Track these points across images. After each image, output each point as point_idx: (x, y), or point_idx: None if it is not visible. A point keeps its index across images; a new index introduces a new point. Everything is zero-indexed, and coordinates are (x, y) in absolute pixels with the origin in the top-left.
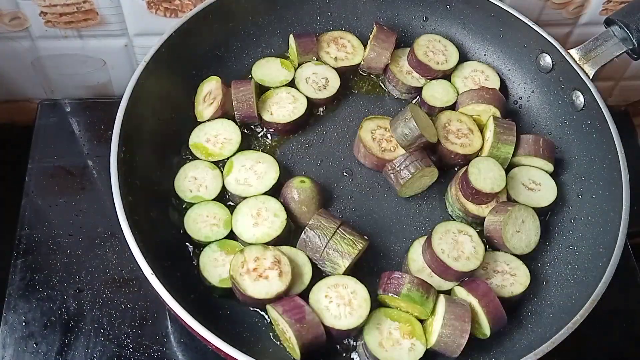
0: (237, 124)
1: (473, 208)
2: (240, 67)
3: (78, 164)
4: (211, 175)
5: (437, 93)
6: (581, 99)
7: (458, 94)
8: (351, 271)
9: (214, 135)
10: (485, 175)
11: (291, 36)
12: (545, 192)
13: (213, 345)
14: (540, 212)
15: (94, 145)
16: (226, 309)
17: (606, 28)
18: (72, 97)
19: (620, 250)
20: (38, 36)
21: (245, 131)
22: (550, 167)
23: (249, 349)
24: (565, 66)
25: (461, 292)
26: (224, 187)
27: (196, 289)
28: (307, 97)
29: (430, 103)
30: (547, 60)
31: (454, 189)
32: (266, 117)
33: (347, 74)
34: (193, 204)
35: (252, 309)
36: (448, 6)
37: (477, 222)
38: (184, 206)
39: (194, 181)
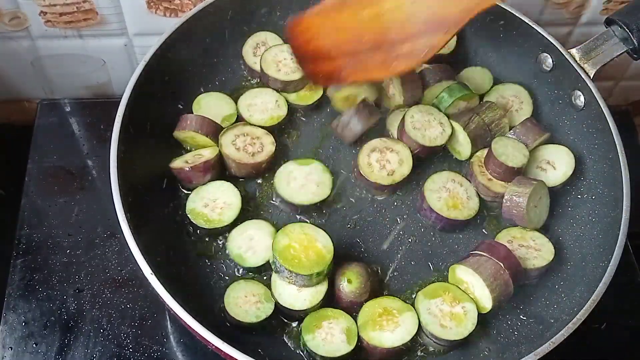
0: (236, 187)
1: (498, 186)
2: (240, 66)
3: (78, 163)
4: (267, 244)
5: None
6: (582, 98)
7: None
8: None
9: (213, 200)
10: (511, 152)
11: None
12: (560, 169)
13: (213, 345)
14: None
15: (93, 145)
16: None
17: (606, 28)
18: (72, 97)
19: (621, 250)
20: (38, 36)
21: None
22: (548, 136)
23: (248, 348)
24: (565, 66)
25: (461, 270)
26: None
27: (195, 289)
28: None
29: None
30: (547, 60)
31: (479, 176)
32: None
33: None
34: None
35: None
36: None
37: (496, 201)
38: (183, 202)
39: (248, 241)
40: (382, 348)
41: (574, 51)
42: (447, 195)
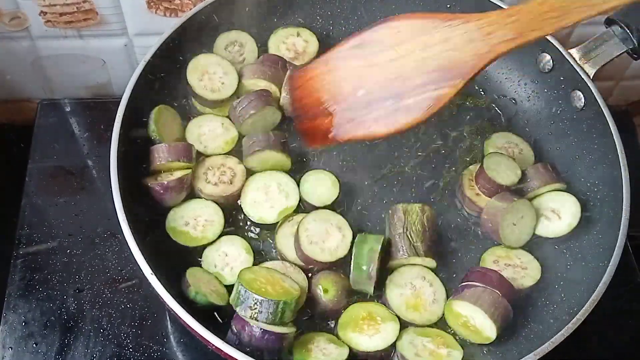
0: (217, 204)
1: (484, 202)
2: None
3: (78, 163)
4: (243, 258)
5: None
6: (581, 98)
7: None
8: None
9: (194, 218)
10: (503, 170)
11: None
12: (565, 219)
13: (213, 345)
14: None
15: (93, 145)
16: (225, 308)
17: (606, 28)
18: (72, 97)
19: (620, 250)
20: (38, 36)
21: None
22: (563, 186)
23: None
24: (565, 66)
25: (459, 305)
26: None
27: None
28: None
29: None
30: (547, 60)
31: (466, 189)
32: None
33: None
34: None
35: None
36: (448, 5)
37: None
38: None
39: (224, 257)
40: (356, 350)
41: (574, 51)
42: (411, 294)
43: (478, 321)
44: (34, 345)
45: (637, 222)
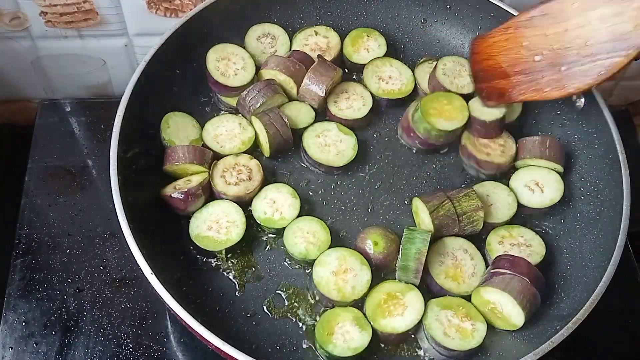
0: (237, 203)
1: (483, 155)
2: None
3: (78, 163)
4: (290, 202)
5: None
6: (582, 99)
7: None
8: None
9: (215, 222)
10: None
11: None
12: (548, 194)
13: (213, 345)
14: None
15: (93, 145)
16: (225, 308)
17: None
18: (72, 97)
19: (621, 250)
20: (38, 36)
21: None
22: (559, 168)
23: (248, 348)
24: None
25: (488, 292)
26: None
27: (195, 289)
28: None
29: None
30: None
31: (478, 154)
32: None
33: None
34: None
35: (250, 313)
36: (448, 6)
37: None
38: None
39: (271, 204)
40: (396, 335)
41: None
42: (452, 264)
43: (506, 308)
44: (34, 345)
45: (637, 222)
